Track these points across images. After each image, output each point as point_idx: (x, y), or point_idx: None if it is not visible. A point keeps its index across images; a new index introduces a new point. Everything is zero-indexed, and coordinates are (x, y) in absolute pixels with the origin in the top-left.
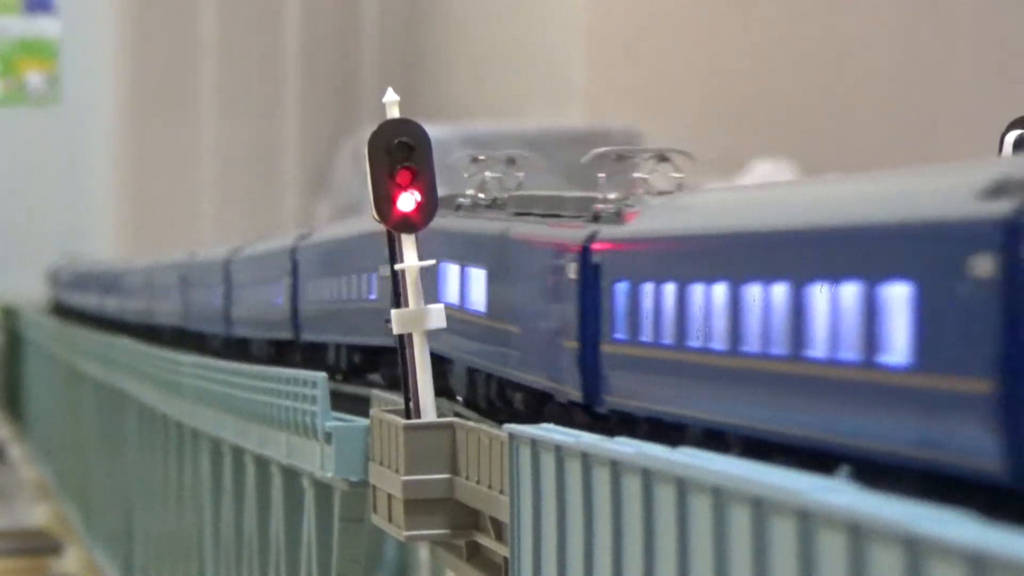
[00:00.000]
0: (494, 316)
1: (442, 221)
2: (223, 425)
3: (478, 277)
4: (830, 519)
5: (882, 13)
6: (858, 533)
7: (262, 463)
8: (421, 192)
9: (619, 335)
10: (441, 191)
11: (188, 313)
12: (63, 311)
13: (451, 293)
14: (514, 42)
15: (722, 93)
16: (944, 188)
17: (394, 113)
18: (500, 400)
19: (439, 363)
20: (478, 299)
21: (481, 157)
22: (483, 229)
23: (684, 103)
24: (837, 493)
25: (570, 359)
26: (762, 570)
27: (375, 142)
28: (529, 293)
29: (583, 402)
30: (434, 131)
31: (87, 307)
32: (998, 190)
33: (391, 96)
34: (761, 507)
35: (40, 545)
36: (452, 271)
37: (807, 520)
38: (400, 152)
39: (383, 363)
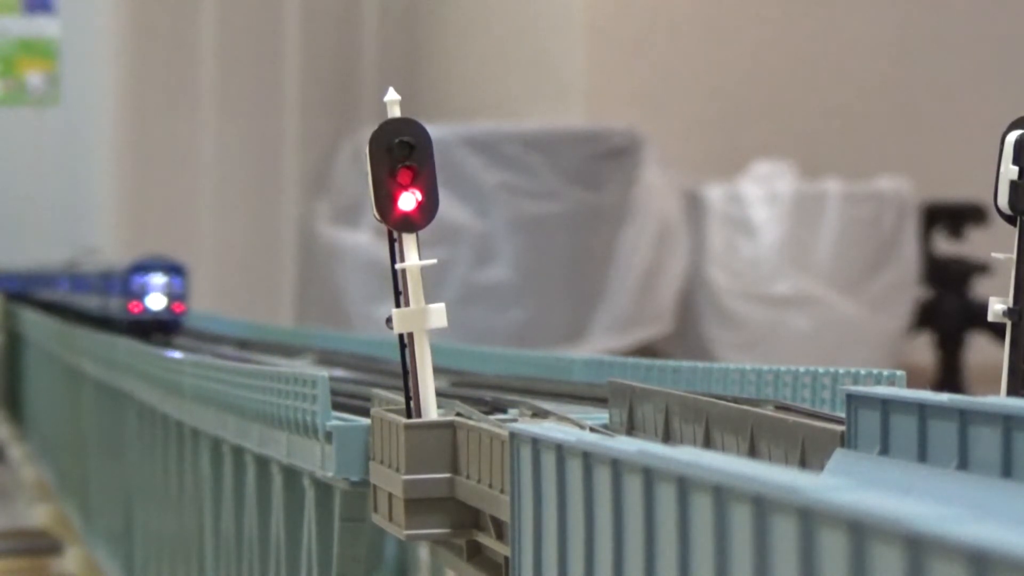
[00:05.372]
0: None
1: None
2: (223, 425)
3: None
4: (831, 517)
5: (882, 13)
6: (860, 531)
7: (262, 463)
8: (422, 191)
9: None
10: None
11: None
12: None
13: None
14: (514, 42)
15: (722, 93)
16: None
17: (395, 112)
18: None
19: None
20: None
21: None
22: None
23: (684, 103)
24: (839, 491)
25: None
26: (763, 568)
27: (376, 141)
28: None
29: None
30: (434, 131)
31: None
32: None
33: (392, 95)
34: (762, 505)
35: (40, 545)
36: None
37: (808, 518)
38: (401, 151)
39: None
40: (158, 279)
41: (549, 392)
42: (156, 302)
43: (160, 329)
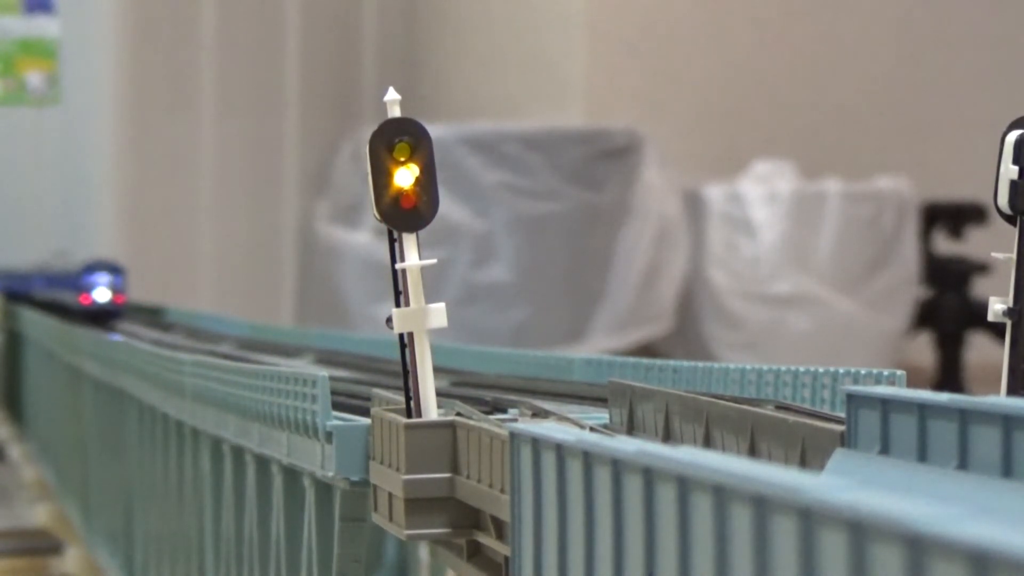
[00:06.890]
0: None
1: None
2: (224, 424)
3: None
4: (831, 517)
5: (882, 13)
6: (860, 531)
7: (262, 462)
8: (422, 191)
9: None
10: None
11: None
12: None
13: None
14: (514, 42)
15: (722, 93)
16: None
17: (395, 112)
18: None
19: None
20: None
21: None
22: None
23: (685, 103)
24: (839, 491)
25: None
26: (763, 568)
27: (376, 141)
28: None
29: None
30: (434, 131)
31: None
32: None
33: (392, 95)
34: (762, 505)
35: (40, 545)
36: None
37: (808, 518)
38: (401, 151)
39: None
40: (103, 278)
41: (549, 392)
42: (102, 295)
43: (105, 316)
